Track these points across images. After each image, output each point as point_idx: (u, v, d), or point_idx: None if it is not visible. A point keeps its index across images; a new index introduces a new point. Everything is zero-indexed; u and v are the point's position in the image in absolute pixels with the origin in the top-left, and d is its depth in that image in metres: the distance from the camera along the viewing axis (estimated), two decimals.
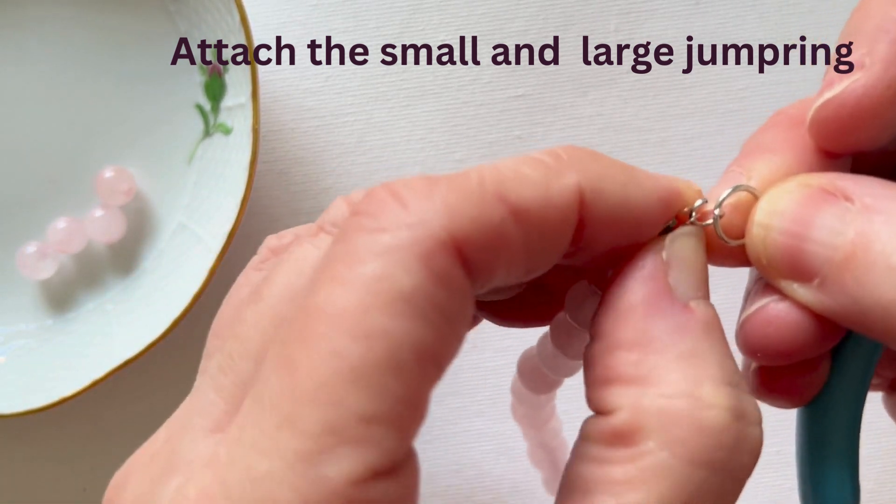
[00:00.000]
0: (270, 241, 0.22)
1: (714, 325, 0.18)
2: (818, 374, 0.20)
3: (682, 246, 0.19)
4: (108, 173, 0.37)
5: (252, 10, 0.38)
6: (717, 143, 0.39)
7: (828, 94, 0.19)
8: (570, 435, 0.29)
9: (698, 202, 0.20)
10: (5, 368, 0.36)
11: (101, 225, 0.37)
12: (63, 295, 0.38)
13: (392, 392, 0.15)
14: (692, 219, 0.20)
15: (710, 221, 0.20)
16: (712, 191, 0.20)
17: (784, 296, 0.19)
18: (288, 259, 0.19)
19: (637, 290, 0.18)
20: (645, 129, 0.39)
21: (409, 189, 0.16)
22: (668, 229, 0.19)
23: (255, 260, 0.21)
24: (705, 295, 0.19)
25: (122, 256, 0.38)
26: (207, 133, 0.37)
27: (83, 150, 0.37)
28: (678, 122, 0.39)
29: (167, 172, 0.37)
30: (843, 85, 0.18)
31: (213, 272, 0.34)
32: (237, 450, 0.16)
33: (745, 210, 0.19)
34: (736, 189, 0.20)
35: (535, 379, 0.24)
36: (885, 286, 0.17)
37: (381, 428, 0.15)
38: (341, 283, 0.16)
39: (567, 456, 0.29)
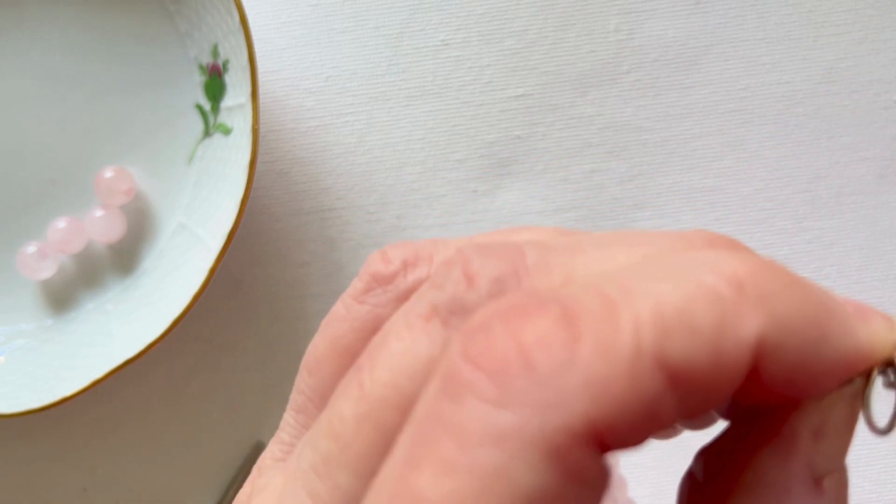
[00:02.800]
0: (375, 264, 0.18)
1: (840, 502, 0.16)
2: None
3: (843, 412, 0.16)
4: (108, 173, 0.37)
5: (252, 10, 0.38)
6: (717, 143, 0.39)
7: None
8: None
9: (876, 372, 0.16)
10: (5, 368, 0.36)
11: (101, 225, 0.37)
12: (63, 295, 0.38)
13: None
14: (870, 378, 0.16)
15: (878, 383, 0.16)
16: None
17: None
18: (395, 348, 0.16)
19: (772, 466, 0.15)
20: (645, 129, 0.39)
21: (542, 350, 0.13)
22: None
23: (357, 287, 0.18)
24: (843, 462, 0.16)
25: (122, 256, 0.38)
26: (207, 133, 0.37)
27: (83, 150, 0.37)
28: (678, 122, 0.39)
29: (167, 172, 0.37)
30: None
31: (213, 272, 0.34)
32: None
33: None
34: None
35: None
36: None
37: None
38: (449, 470, 0.13)
39: (625, 492, 0.28)
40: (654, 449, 0.18)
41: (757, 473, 0.15)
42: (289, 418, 0.19)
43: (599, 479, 0.13)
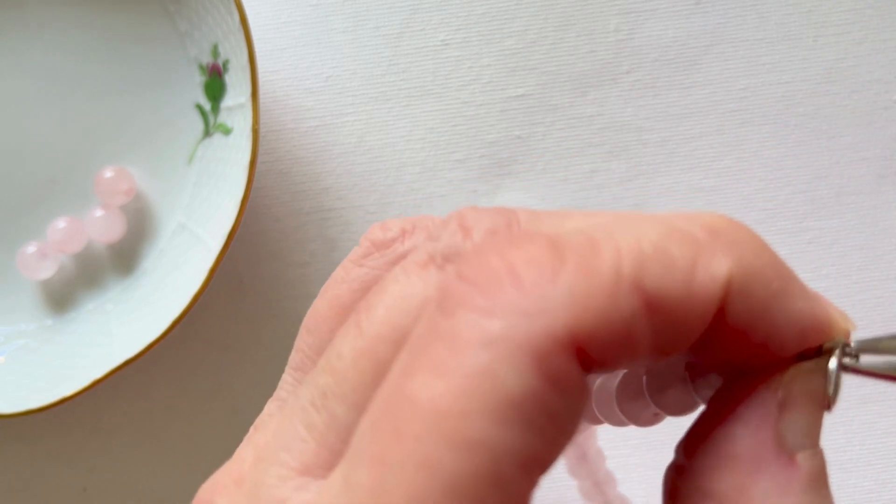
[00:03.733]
0: (374, 232, 0.20)
1: (819, 480, 0.16)
2: None
3: (804, 386, 0.16)
4: (108, 173, 0.37)
5: (252, 10, 0.38)
6: (717, 143, 0.39)
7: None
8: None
9: (835, 342, 0.17)
10: (5, 368, 0.36)
11: (101, 225, 0.37)
12: (63, 295, 0.38)
13: None
14: (825, 354, 0.17)
15: (844, 361, 0.16)
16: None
17: None
18: (392, 290, 0.17)
19: (743, 437, 0.16)
20: (645, 129, 0.39)
21: (530, 267, 0.14)
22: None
23: (356, 252, 0.20)
24: (817, 442, 0.17)
25: (122, 256, 0.38)
26: (207, 133, 0.37)
27: (83, 150, 0.37)
28: (678, 122, 0.39)
29: (167, 172, 0.37)
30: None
31: (213, 272, 0.34)
32: None
33: None
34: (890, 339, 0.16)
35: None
36: None
37: None
38: (441, 373, 0.14)
39: (614, 488, 0.28)
40: (653, 449, 0.18)
41: (729, 446, 0.16)
42: (287, 377, 0.19)
43: (578, 393, 0.14)
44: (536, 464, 0.14)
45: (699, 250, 0.15)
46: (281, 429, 0.17)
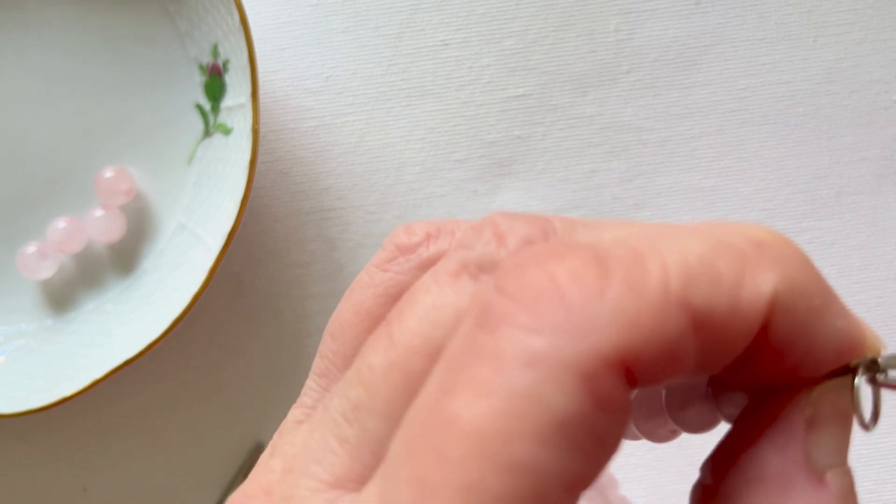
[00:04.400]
0: (399, 235, 0.19)
1: (849, 499, 0.16)
2: None
3: (832, 404, 0.16)
4: (108, 173, 0.37)
5: (252, 10, 0.38)
6: (717, 143, 0.39)
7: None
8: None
9: (862, 359, 0.16)
10: (5, 368, 0.36)
11: (101, 225, 0.37)
12: (63, 295, 0.38)
13: None
14: (855, 372, 0.16)
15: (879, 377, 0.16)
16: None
17: None
18: (424, 300, 0.17)
19: (771, 456, 0.16)
20: (645, 129, 0.39)
21: (575, 282, 0.14)
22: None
23: (380, 257, 0.19)
24: (845, 460, 0.16)
25: (122, 256, 0.38)
26: (207, 133, 0.37)
27: (83, 150, 0.37)
28: (678, 122, 0.39)
29: (167, 172, 0.37)
30: None
31: (213, 272, 0.34)
32: None
33: None
34: None
35: None
36: None
37: None
38: (483, 393, 0.13)
39: (616, 491, 0.28)
40: (654, 449, 0.18)
41: (759, 467, 0.16)
42: (311, 383, 0.19)
43: (624, 412, 0.14)
44: (580, 483, 0.14)
45: (746, 265, 0.14)
46: (311, 440, 0.17)
